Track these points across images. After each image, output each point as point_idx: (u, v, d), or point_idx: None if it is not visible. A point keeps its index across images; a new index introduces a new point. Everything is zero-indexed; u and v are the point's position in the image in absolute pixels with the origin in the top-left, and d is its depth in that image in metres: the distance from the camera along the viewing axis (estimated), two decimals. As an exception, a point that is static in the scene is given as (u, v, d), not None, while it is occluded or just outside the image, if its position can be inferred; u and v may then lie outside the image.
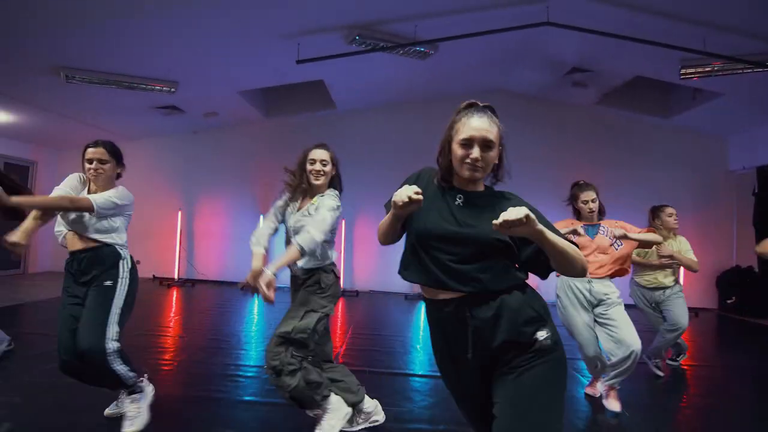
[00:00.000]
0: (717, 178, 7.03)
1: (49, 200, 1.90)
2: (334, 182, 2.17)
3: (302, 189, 2.12)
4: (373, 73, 5.63)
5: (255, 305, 5.54)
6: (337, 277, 2.14)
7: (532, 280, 1.24)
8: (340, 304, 5.97)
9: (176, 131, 7.12)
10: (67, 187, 2.01)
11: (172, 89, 5.18)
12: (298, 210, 2.10)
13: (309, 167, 2.09)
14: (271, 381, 1.92)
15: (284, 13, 3.97)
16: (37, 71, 4.49)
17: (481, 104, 1.28)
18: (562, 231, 2.22)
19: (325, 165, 2.08)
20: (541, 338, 1.13)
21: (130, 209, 2.12)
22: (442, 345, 1.25)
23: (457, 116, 1.26)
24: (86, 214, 1.95)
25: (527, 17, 4.29)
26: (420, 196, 1.12)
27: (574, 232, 2.57)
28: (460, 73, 6.16)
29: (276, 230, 2.17)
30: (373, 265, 7.06)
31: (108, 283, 1.98)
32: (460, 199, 1.25)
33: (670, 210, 3.27)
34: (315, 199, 2.08)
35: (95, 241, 1.99)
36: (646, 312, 3.26)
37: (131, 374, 1.97)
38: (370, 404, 2.18)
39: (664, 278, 3.14)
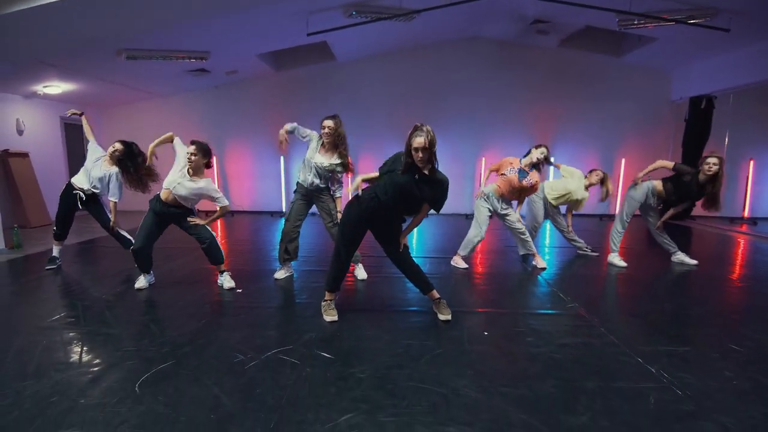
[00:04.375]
0: (660, 108, 8.37)
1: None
2: (338, 141, 3.51)
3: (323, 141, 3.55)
4: (368, 33, 6.72)
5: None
6: None
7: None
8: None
9: (201, 87, 8.30)
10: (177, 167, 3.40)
11: (205, 58, 6.38)
12: (319, 152, 3.52)
13: (321, 131, 3.50)
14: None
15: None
16: (105, 54, 5.70)
17: (420, 125, 2.54)
18: (505, 166, 3.87)
19: (331, 129, 3.46)
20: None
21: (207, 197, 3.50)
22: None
23: (410, 135, 2.54)
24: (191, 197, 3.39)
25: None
26: None
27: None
28: (441, 27, 7.24)
29: (294, 132, 3.59)
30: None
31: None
32: (416, 177, 2.62)
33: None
34: (332, 156, 3.54)
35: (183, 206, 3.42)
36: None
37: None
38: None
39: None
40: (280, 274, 3.83)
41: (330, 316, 2.78)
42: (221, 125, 8.61)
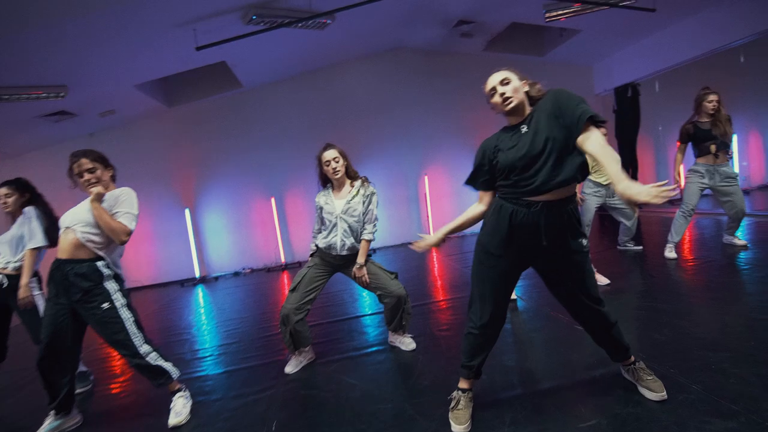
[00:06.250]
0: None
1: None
2: (349, 171, 2.54)
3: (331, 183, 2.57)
4: (275, 47, 5.68)
5: (200, 297, 5.66)
6: None
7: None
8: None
9: (70, 137, 6.56)
10: None
11: (61, 94, 4.83)
12: (336, 199, 2.52)
13: (325, 168, 2.47)
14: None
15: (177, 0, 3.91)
16: None
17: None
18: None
19: (337, 162, 2.46)
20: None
21: None
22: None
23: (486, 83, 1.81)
24: None
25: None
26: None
27: None
28: (360, 37, 6.42)
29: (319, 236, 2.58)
30: (308, 235, 7.40)
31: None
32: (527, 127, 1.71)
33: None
34: (349, 189, 2.53)
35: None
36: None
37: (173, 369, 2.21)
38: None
39: None
40: (291, 368, 2.50)
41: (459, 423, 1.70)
42: (104, 181, 6.84)
